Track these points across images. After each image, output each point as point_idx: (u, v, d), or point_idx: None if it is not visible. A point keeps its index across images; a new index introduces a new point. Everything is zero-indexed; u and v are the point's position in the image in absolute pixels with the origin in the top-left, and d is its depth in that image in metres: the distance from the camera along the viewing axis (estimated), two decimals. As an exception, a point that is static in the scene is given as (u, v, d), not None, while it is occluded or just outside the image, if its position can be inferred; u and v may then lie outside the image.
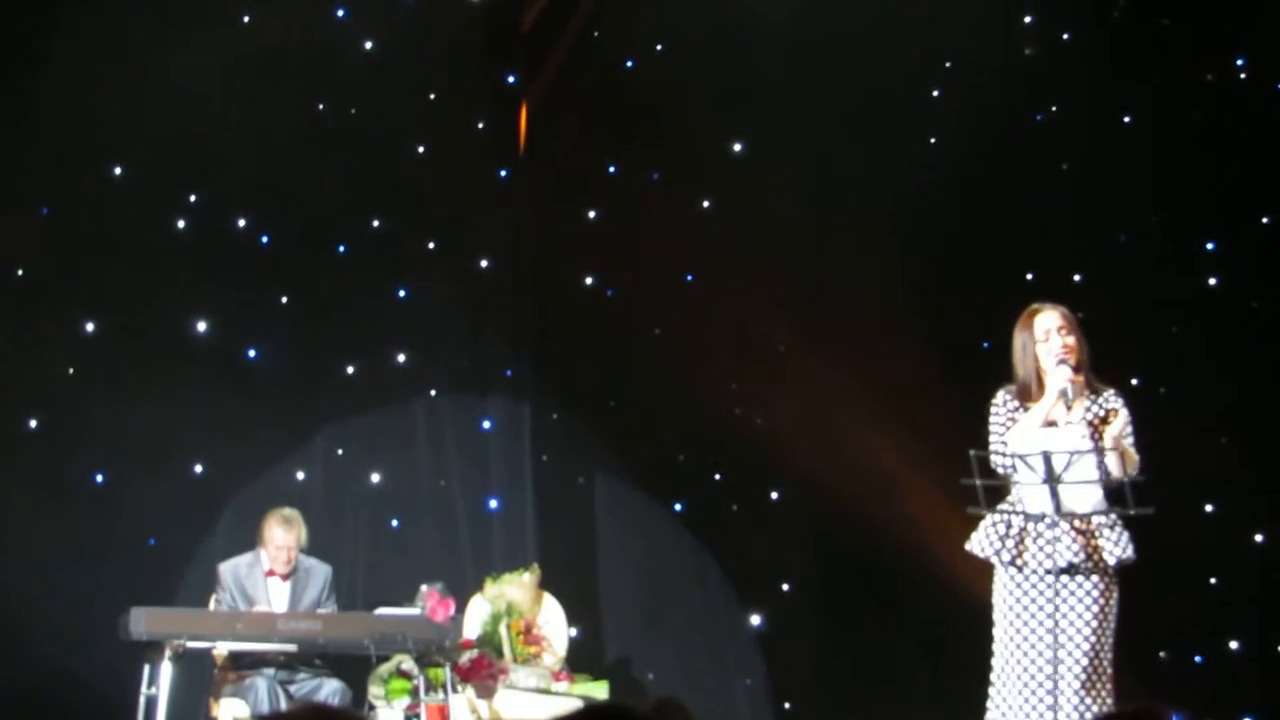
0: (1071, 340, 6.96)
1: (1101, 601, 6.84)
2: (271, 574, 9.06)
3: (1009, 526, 6.91)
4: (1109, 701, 6.84)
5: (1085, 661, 6.81)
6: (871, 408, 10.20)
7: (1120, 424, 6.85)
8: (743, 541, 10.65)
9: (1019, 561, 6.88)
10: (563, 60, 11.04)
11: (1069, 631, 6.82)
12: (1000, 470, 6.99)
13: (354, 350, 10.50)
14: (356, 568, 10.27)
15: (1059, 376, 6.90)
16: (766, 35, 10.60)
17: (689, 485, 10.77)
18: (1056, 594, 6.80)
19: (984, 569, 7.28)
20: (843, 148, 10.47)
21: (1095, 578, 6.83)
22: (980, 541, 7.02)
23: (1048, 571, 6.81)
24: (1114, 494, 6.82)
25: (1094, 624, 6.82)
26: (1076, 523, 6.79)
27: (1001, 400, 7.09)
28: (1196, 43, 10.35)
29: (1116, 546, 6.78)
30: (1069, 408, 6.89)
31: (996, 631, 7.08)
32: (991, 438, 7.10)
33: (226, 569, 9.05)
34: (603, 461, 10.75)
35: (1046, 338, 6.98)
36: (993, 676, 7.10)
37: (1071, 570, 6.79)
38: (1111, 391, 6.97)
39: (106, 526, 9.61)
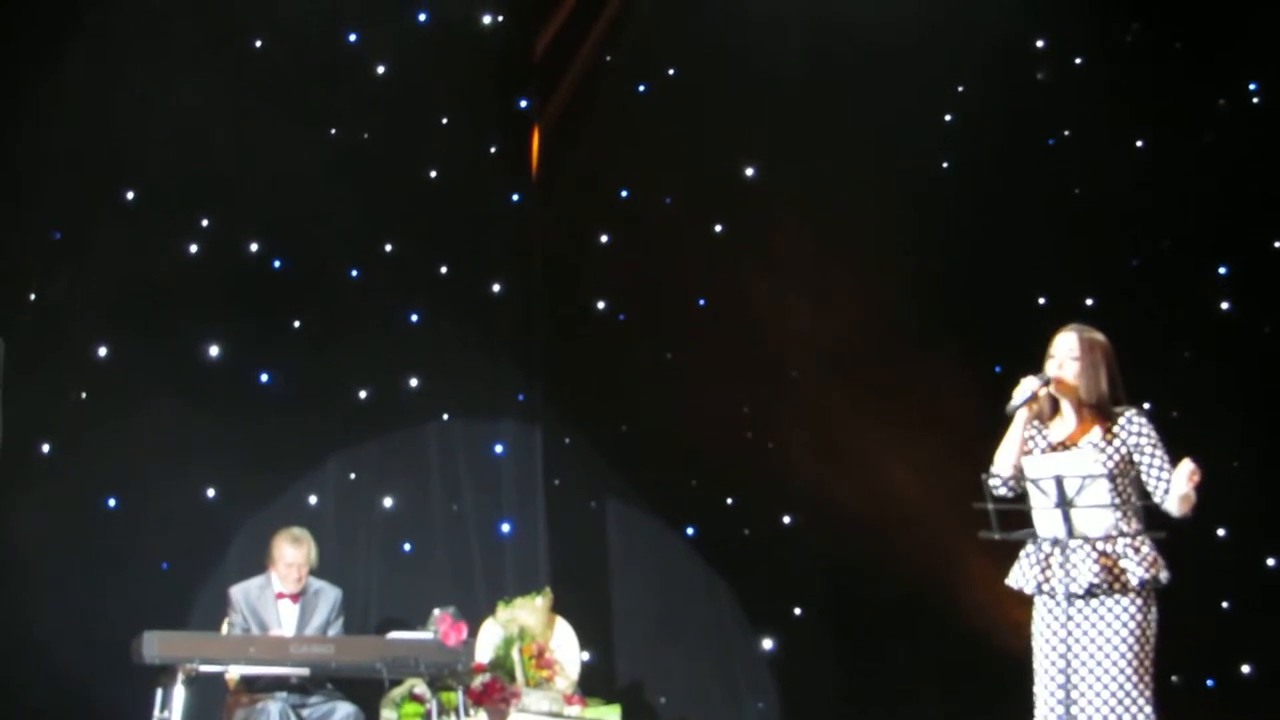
0: (1075, 366, 6.90)
1: (1132, 625, 6.77)
2: (282, 596, 9.07)
3: (1042, 555, 6.87)
4: None
5: (1115, 685, 6.75)
6: (883, 432, 10.21)
7: (1181, 478, 6.72)
8: (754, 566, 10.66)
9: (1046, 588, 6.84)
10: (575, 84, 11.06)
11: (1097, 656, 6.78)
12: (1002, 490, 6.94)
13: (366, 374, 10.50)
14: (369, 592, 10.28)
15: (1025, 383, 6.85)
16: (778, 60, 10.64)
17: (701, 509, 10.76)
18: (1070, 618, 6.75)
19: (996, 593, 7.25)
20: (854, 172, 10.50)
21: (1126, 600, 6.78)
22: (1016, 576, 6.99)
23: (1075, 596, 6.76)
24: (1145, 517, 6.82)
25: (1123, 647, 6.75)
26: (1101, 545, 6.76)
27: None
28: (1209, 67, 10.37)
29: (1139, 566, 6.74)
30: (1030, 409, 6.85)
31: (1035, 661, 7.01)
32: None
33: (238, 592, 9.08)
34: (615, 486, 10.76)
35: (1054, 355, 6.95)
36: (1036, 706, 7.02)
37: (1099, 593, 6.75)
38: (1133, 411, 6.90)
39: (119, 550, 9.62)
